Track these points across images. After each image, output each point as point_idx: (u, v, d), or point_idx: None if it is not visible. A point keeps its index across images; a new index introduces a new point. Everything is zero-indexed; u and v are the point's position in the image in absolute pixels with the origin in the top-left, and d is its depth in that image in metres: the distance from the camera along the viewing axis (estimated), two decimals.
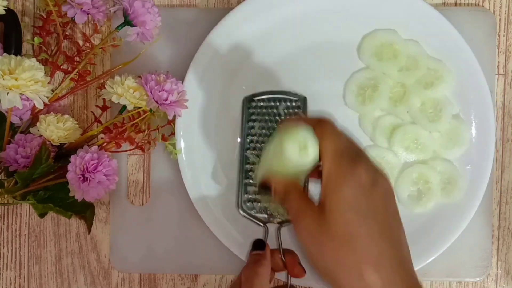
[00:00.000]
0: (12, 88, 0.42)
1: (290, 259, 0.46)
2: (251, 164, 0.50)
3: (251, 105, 0.50)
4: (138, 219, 0.53)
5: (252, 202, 0.50)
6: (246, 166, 0.50)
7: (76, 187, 0.45)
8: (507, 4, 0.53)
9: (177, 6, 0.54)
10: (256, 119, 0.50)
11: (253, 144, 0.50)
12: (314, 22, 0.51)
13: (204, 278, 0.53)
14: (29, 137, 0.47)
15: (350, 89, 0.51)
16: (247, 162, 0.50)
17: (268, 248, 0.47)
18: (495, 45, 0.52)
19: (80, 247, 0.54)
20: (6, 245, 0.54)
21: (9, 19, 0.50)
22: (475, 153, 0.50)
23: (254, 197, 0.50)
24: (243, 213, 0.50)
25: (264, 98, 0.50)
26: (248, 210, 0.50)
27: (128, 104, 0.47)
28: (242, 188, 0.50)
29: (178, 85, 0.47)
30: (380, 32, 0.51)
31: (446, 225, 0.50)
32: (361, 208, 0.35)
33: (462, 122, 0.50)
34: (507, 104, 0.53)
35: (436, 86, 0.50)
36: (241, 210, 0.50)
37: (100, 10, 0.49)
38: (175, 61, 0.52)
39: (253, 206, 0.50)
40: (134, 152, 0.53)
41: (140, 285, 0.53)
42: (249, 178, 0.50)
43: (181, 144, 0.50)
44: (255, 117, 0.50)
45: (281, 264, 0.47)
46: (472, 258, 0.52)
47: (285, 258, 0.47)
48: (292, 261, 0.46)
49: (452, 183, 0.50)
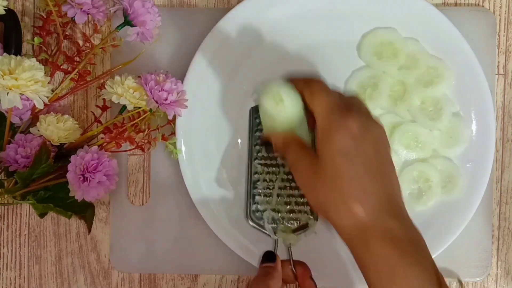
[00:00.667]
0: (12, 88, 0.42)
1: (301, 271, 0.47)
2: (259, 174, 0.50)
3: (258, 115, 0.50)
4: (138, 219, 0.53)
5: (262, 212, 0.50)
6: (255, 176, 0.50)
7: (76, 187, 0.45)
8: (507, 4, 0.53)
9: (177, 6, 0.54)
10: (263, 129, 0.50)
11: (260, 153, 0.50)
12: (314, 20, 0.51)
13: (204, 278, 0.53)
14: (29, 137, 0.47)
15: (350, 87, 0.51)
16: (255, 172, 0.50)
17: (278, 260, 0.47)
18: (495, 45, 0.52)
19: (80, 247, 0.54)
20: (6, 245, 0.54)
21: (9, 19, 0.50)
22: (476, 151, 0.50)
23: (263, 208, 0.50)
24: (252, 223, 0.50)
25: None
26: (257, 221, 0.50)
27: (128, 104, 0.47)
28: (250, 199, 0.50)
29: (178, 84, 0.47)
30: (380, 30, 0.51)
31: (447, 223, 0.50)
32: (349, 153, 0.38)
33: (462, 120, 0.50)
34: (507, 104, 0.53)
35: (436, 84, 0.50)
36: (250, 221, 0.50)
37: (100, 10, 0.49)
38: (175, 61, 0.52)
39: (262, 216, 0.50)
40: (134, 152, 0.53)
41: (140, 285, 0.53)
42: (257, 188, 0.50)
43: (181, 144, 0.50)
44: (261, 127, 0.50)
45: (292, 276, 0.47)
46: (472, 258, 0.52)
47: (296, 270, 0.47)
48: (303, 274, 0.47)
49: (452, 181, 0.50)
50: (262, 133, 0.45)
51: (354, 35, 0.51)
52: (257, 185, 0.50)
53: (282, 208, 0.49)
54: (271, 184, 0.50)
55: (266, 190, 0.50)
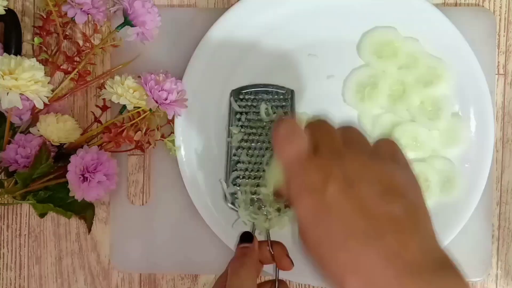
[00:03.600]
0: (12, 88, 0.42)
1: (278, 251, 0.46)
2: (238, 156, 0.50)
3: (239, 98, 0.50)
4: (138, 219, 0.53)
5: (241, 187, 0.50)
6: (233, 158, 0.50)
7: (76, 187, 0.45)
8: (507, 4, 0.53)
9: (177, 6, 0.54)
10: (243, 112, 0.50)
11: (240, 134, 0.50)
12: (313, 19, 0.51)
13: (204, 278, 0.53)
14: (29, 137, 0.47)
15: (349, 86, 0.51)
16: (234, 154, 0.50)
17: (256, 241, 0.46)
18: (495, 45, 0.52)
19: (80, 247, 0.54)
20: (6, 245, 0.54)
21: (9, 19, 0.50)
22: (474, 151, 0.50)
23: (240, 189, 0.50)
24: (231, 205, 0.50)
25: (252, 91, 0.51)
26: (235, 202, 0.50)
27: (128, 104, 0.47)
28: (229, 180, 0.50)
29: (178, 84, 0.47)
30: (380, 29, 0.51)
31: (445, 223, 0.50)
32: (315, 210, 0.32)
33: (461, 121, 0.50)
34: (507, 104, 0.53)
35: (435, 84, 0.50)
36: (229, 203, 0.50)
37: (100, 10, 0.49)
38: (175, 61, 0.52)
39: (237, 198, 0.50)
40: (134, 152, 0.53)
41: (140, 285, 0.53)
42: (236, 170, 0.50)
43: (180, 143, 0.50)
44: (242, 109, 0.50)
45: (269, 257, 0.46)
46: (472, 258, 0.52)
47: (273, 250, 0.46)
48: (280, 254, 0.46)
49: (450, 181, 0.50)
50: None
51: (354, 34, 0.51)
52: (236, 167, 0.50)
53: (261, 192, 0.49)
54: (250, 166, 0.50)
55: (246, 172, 0.50)
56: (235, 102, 0.50)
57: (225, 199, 0.50)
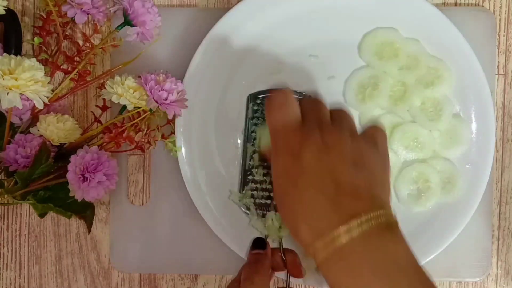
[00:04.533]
0: (12, 88, 0.41)
1: (290, 259, 0.46)
2: (254, 160, 0.50)
3: (256, 103, 0.50)
4: (138, 219, 0.53)
5: (254, 198, 0.50)
6: (250, 163, 0.50)
7: (76, 187, 0.45)
8: (507, 4, 0.53)
9: (177, 6, 0.54)
10: (260, 117, 0.50)
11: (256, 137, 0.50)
12: (314, 20, 0.51)
13: (204, 278, 0.53)
14: (29, 137, 0.47)
15: (350, 87, 0.51)
16: (251, 158, 0.50)
17: (269, 247, 0.47)
18: (495, 45, 0.52)
19: (80, 247, 0.54)
20: (6, 245, 0.54)
21: (9, 19, 0.50)
22: (475, 152, 0.50)
23: (256, 193, 0.50)
24: (245, 210, 0.50)
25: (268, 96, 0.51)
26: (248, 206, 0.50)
27: (128, 104, 0.47)
28: (243, 182, 0.50)
29: (178, 84, 0.47)
30: (381, 30, 0.51)
31: (446, 224, 0.50)
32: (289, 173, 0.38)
33: (462, 121, 0.50)
34: (507, 104, 0.53)
35: (436, 85, 0.50)
36: (243, 208, 0.50)
37: (100, 10, 0.49)
38: (175, 61, 0.52)
39: (254, 202, 0.50)
40: (134, 152, 0.53)
41: (140, 285, 0.53)
42: (251, 175, 0.50)
43: (180, 142, 0.50)
44: (259, 114, 0.50)
45: (282, 264, 0.46)
46: (472, 258, 0.52)
47: (285, 258, 0.46)
48: (292, 261, 0.46)
49: (451, 182, 0.50)
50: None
51: (355, 35, 0.51)
52: (252, 171, 0.50)
53: None
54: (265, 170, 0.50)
55: (260, 177, 0.50)
56: (252, 106, 0.50)
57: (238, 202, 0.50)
